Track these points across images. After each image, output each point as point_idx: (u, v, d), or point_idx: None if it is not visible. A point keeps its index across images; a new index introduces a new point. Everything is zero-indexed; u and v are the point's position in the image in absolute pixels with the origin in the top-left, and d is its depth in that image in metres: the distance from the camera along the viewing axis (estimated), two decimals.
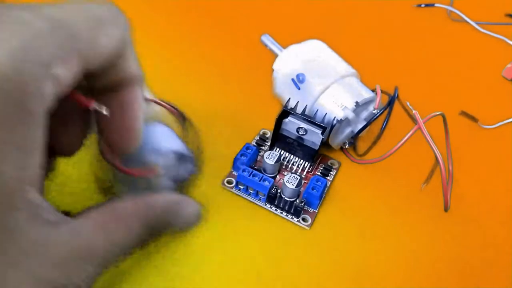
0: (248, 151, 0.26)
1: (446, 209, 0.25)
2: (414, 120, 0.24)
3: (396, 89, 0.25)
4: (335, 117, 0.26)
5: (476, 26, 0.40)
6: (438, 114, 0.24)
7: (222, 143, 0.28)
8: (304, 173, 0.27)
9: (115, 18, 0.15)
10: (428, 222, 0.25)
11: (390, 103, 0.25)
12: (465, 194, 0.27)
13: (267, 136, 0.29)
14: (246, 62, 0.34)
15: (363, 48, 0.37)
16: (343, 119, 0.25)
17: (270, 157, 0.25)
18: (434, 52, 0.38)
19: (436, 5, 0.42)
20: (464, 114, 0.32)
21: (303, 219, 0.24)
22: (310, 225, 0.24)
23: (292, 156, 0.27)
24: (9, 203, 0.13)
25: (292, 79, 0.27)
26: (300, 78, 0.26)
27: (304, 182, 0.26)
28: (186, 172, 0.24)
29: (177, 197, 0.21)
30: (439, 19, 0.42)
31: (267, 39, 0.30)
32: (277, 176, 0.26)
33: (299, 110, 0.26)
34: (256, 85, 0.32)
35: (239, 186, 0.25)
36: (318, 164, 0.27)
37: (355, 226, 0.25)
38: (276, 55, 0.29)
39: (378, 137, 0.26)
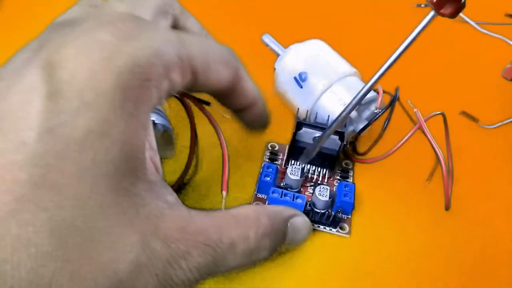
0: (270, 170, 0.24)
1: (447, 208, 0.25)
2: (413, 120, 0.25)
3: (397, 89, 0.26)
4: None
5: (476, 26, 0.40)
6: (438, 114, 0.24)
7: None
8: (326, 180, 0.26)
9: (228, 58, 0.19)
10: (429, 220, 0.25)
11: (392, 103, 0.25)
12: (465, 194, 0.27)
13: (276, 149, 0.28)
14: (247, 62, 0.34)
15: (363, 48, 0.37)
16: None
17: (294, 173, 0.24)
18: (434, 52, 0.38)
19: None
20: (464, 114, 0.32)
21: (341, 228, 0.24)
22: (349, 232, 0.24)
23: (309, 165, 0.26)
24: (134, 171, 0.15)
25: (295, 78, 0.27)
26: (303, 76, 0.26)
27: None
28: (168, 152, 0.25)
29: (295, 210, 0.21)
30: (439, 19, 0.42)
31: (268, 39, 0.30)
32: (301, 189, 0.26)
33: (303, 114, 0.26)
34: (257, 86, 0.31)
35: None
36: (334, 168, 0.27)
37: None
38: (277, 55, 0.29)
39: (380, 136, 0.26)
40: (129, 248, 0.14)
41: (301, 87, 0.27)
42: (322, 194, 0.23)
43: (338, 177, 0.27)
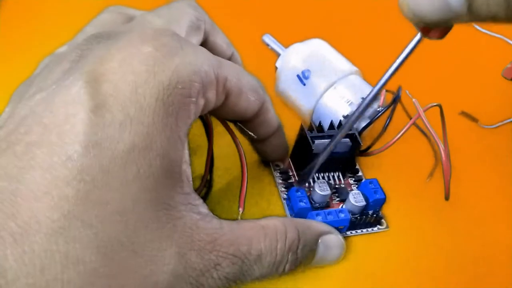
0: (299, 193, 0.24)
1: (447, 197, 0.25)
2: (409, 116, 0.25)
3: (399, 88, 0.26)
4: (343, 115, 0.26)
5: (476, 26, 0.40)
6: (435, 105, 0.25)
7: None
8: (343, 182, 0.26)
9: (257, 87, 0.20)
10: (429, 215, 0.26)
11: (394, 101, 0.25)
12: (465, 194, 0.27)
13: (281, 166, 0.26)
14: (247, 62, 0.34)
15: (363, 48, 0.37)
16: (349, 114, 0.26)
17: (322, 189, 0.24)
18: (434, 52, 0.38)
19: None
20: (464, 114, 0.32)
21: (380, 224, 0.24)
22: (388, 226, 0.25)
23: (323, 173, 0.26)
24: (172, 185, 0.15)
25: (298, 75, 0.27)
26: (306, 74, 0.26)
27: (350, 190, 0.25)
28: None
29: (328, 227, 0.22)
30: None
31: (268, 39, 0.30)
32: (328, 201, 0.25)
33: (307, 121, 0.25)
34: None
35: None
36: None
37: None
38: (278, 55, 0.29)
39: (381, 134, 0.26)
40: (167, 260, 0.15)
41: (304, 84, 0.27)
42: (357, 200, 0.23)
43: (350, 175, 0.27)
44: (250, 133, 0.22)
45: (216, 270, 0.16)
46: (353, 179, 0.27)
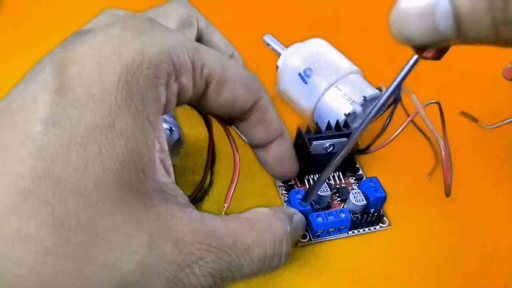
0: (299, 196, 0.24)
1: (447, 194, 0.25)
2: (414, 122, 0.25)
3: (400, 88, 0.26)
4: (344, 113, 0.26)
5: None
6: (434, 102, 0.25)
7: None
8: (343, 182, 0.26)
9: (250, 83, 0.19)
10: (430, 212, 0.26)
11: (395, 100, 0.25)
12: (466, 194, 0.27)
13: None
14: (248, 62, 0.34)
15: (363, 48, 0.37)
16: (351, 113, 0.26)
17: (323, 190, 0.24)
18: None
19: None
20: (464, 114, 0.32)
21: (381, 222, 0.24)
22: (390, 224, 0.25)
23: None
24: (141, 169, 0.14)
25: (299, 74, 0.27)
26: (307, 72, 0.26)
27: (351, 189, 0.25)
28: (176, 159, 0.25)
29: (292, 209, 0.21)
30: None
31: (269, 39, 0.30)
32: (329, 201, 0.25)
33: (306, 121, 0.25)
34: None
35: (318, 233, 0.23)
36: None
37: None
38: (278, 55, 0.29)
39: (381, 132, 0.26)
40: (135, 248, 0.14)
41: (306, 83, 0.27)
42: (358, 200, 0.23)
43: (351, 173, 0.27)
44: (242, 135, 0.21)
45: (198, 265, 0.15)
46: (354, 178, 0.27)
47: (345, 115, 0.26)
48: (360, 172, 0.27)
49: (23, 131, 0.13)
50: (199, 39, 0.22)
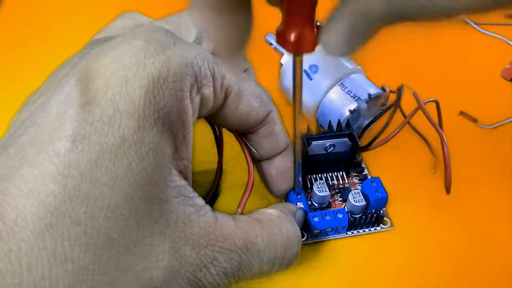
0: (299, 196, 0.24)
1: (448, 191, 0.25)
2: (404, 116, 0.25)
3: (402, 86, 0.26)
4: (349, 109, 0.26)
5: (476, 27, 0.40)
6: (432, 101, 0.25)
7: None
8: (347, 182, 0.26)
9: (263, 95, 0.19)
10: (433, 215, 0.26)
11: (398, 99, 0.25)
12: (465, 194, 0.27)
13: None
14: (250, 61, 0.34)
15: (365, 48, 0.37)
16: (356, 109, 0.26)
17: (321, 189, 0.24)
18: (433, 52, 0.38)
19: None
20: (464, 114, 0.32)
21: (383, 223, 0.24)
22: (392, 225, 0.25)
23: (325, 173, 0.26)
24: (164, 179, 0.15)
25: (305, 70, 0.27)
26: (313, 69, 0.26)
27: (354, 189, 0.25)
28: None
29: (294, 206, 0.22)
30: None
31: (271, 38, 0.30)
32: (329, 201, 0.25)
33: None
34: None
35: (315, 233, 0.23)
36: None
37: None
38: (281, 54, 0.29)
39: (381, 131, 0.26)
40: (161, 256, 0.14)
41: (311, 79, 0.27)
42: (357, 200, 0.23)
43: (355, 174, 0.27)
44: (252, 149, 0.21)
45: (213, 265, 0.16)
46: (358, 178, 0.27)
47: (350, 111, 0.26)
48: (365, 172, 0.27)
49: (51, 148, 0.13)
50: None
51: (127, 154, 0.14)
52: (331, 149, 0.25)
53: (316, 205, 0.25)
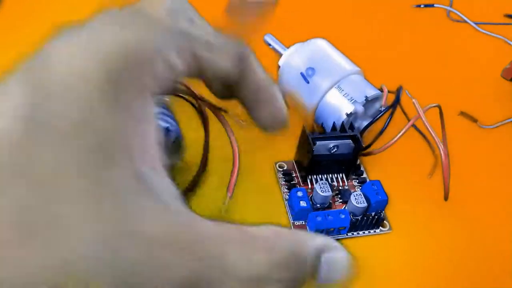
0: (301, 195, 0.24)
1: (446, 197, 0.25)
2: (408, 118, 0.25)
3: (400, 87, 0.26)
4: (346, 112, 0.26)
5: (475, 27, 0.40)
6: (435, 106, 0.25)
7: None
8: (346, 184, 0.26)
9: (235, 43, 0.18)
10: (432, 217, 0.26)
11: (397, 100, 0.25)
12: (465, 194, 0.27)
13: (285, 168, 0.27)
14: None
15: (362, 48, 0.37)
16: (353, 112, 0.26)
17: (324, 189, 0.24)
18: (433, 53, 0.38)
19: (435, 5, 0.42)
20: (464, 114, 0.32)
21: (382, 226, 0.24)
22: (391, 228, 0.25)
23: (326, 174, 0.26)
24: (118, 161, 0.13)
25: (301, 73, 0.27)
26: (310, 72, 0.26)
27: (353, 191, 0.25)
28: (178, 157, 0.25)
29: (328, 240, 0.16)
30: (438, 20, 0.42)
31: (270, 39, 0.30)
32: (330, 202, 0.25)
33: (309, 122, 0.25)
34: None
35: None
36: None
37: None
38: (279, 55, 0.29)
39: (381, 132, 0.26)
40: (83, 235, 0.12)
41: (308, 82, 0.27)
42: (359, 201, 0.23)
43: (354, 177, 0.27)
44: (239, 120, 0.21)
45: (165, 271, 0.12)
46: (357, 180, 0.27)
47: (347, 114, 0.26)
48: (364, 175, 0.27)
49: None
50: None
51: (75, 134, 0.13)
52: (334, 150, 0.25)
53: (318, 205, 0.24)
